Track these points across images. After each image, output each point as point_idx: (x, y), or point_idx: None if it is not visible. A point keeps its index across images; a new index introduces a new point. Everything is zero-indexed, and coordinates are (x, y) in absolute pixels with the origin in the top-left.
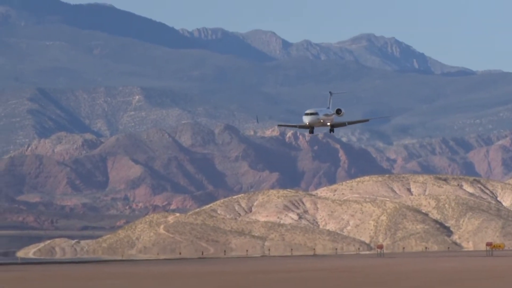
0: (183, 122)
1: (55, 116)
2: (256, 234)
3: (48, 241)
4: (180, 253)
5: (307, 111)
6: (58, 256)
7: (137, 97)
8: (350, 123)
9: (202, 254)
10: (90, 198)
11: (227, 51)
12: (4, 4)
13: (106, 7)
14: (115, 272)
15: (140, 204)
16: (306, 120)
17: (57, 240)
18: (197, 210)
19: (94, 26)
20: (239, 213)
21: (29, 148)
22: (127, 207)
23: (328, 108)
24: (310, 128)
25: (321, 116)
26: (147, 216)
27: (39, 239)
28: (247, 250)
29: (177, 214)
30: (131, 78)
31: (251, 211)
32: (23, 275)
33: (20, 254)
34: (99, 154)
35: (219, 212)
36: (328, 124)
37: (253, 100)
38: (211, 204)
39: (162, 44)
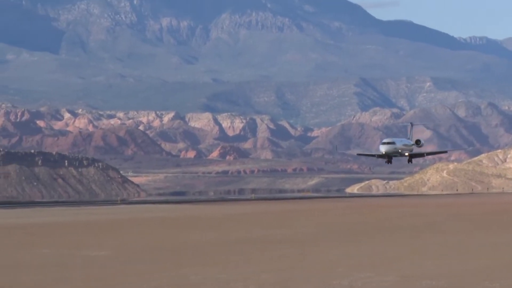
0: (459, 100)
1: (372, 96)
2: (509, 177)
3: (367, 182)
4: (457, 190)
5: (384, 140)
6: (374, 191)
7: (428, 83)
8: (428, 154)
9: (472, 190)
10: None
11: (490, 52)
12: (338, 20)
13: (407, 22)
14: (411, 203)
15: (430, 157)
16: (383, 149)
17: (373, 180)
18: (469, 160)
19: (399, 35)
20: (497, 163)
21: (354, 118)
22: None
23: (409, 138)
24: (388, 157)
25: (398, 145)
26: (434, 164)
27: (360, 180)
28: (503, 188)
29: (455, 163)
30: (424, 70)
31: (505, 161)
32: (349, 204)
33: (348, 190)
34: (402, 122)
35: (483, 162)
36: (406, 154)
37: (509, 86)
38: (479, 157)
39: (445, 47)
